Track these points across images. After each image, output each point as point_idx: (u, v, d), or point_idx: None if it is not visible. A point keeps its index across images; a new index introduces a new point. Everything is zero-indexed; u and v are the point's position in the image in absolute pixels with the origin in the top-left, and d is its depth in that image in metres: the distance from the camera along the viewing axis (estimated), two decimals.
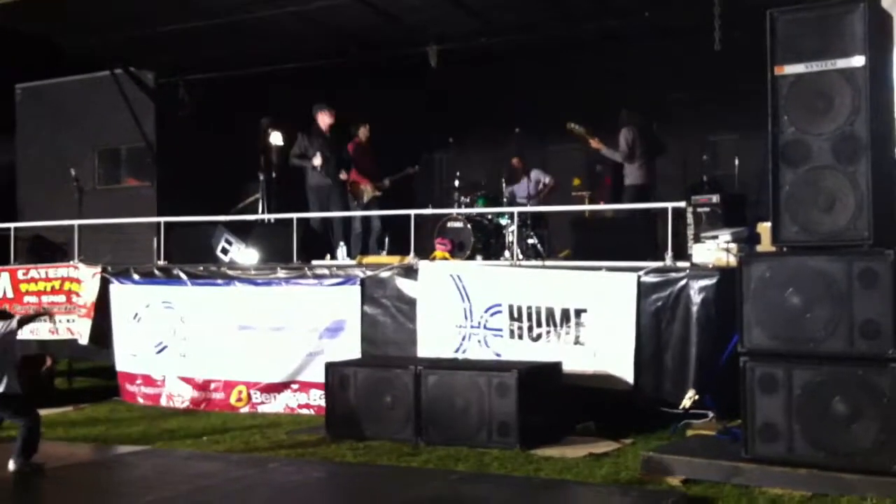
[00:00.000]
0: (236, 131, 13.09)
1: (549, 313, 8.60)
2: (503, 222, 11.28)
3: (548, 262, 9.63)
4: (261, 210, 12.28)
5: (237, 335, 10.13)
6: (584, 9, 11.50)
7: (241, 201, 12.68)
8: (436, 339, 9.19)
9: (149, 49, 13.20)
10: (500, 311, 8.90)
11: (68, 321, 11.15)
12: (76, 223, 11.72)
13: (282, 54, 12.75)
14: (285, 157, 12.46)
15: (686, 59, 11.98)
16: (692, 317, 8.10)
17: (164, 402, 10.47)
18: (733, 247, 8.43)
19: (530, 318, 8.71)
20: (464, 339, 9.07)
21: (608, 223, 11.10)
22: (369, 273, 9.69)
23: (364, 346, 9.54)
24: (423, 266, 9.50)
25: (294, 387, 9.83)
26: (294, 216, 10.77)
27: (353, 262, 10.48)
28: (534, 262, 9.84)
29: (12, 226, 12.38)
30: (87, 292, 11.03)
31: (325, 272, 10.03)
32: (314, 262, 10.48)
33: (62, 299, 11.25)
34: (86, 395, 11.00)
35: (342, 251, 11.35)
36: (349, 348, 9.51)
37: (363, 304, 9.60)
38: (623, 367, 8.24)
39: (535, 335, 8.70)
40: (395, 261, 9.91)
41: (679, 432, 7.73)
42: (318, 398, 9.46)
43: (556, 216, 11.78)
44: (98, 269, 11.07)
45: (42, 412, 9.80)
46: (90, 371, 11.97)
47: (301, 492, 6.86)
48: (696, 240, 8.95)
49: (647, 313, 8.24)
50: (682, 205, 9.04)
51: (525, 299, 8.76)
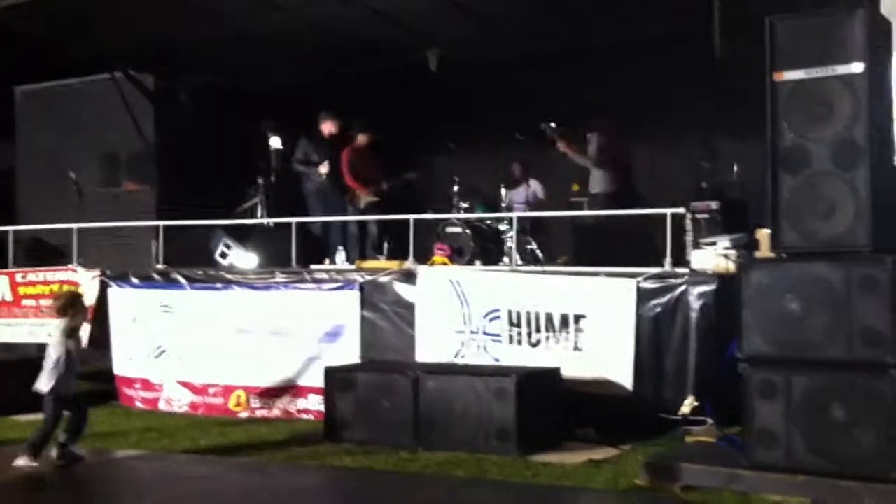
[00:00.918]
0: (236, 135, 13.10)
1: (548, 319, 8.60)
2: (502, 228, 11.28)
3: (547, 268, 9.62)
4: (260, 214, 12.28)
5: (236, 339, 10.12)
6: (587, 15, 11.49)
7: (241, 205, 12.68)
8: (435, 344, 9.18)
9: (149, 52, 13.20)
10: (498, 317, 8.90)
11: None
12: (75, 227, 11.70)
13: (282, 58, 12.75)
14: (284, 161, 12.47)
15: (686, 66, 11.98)
16: (691, 323, 8.10)
17: (162, 406, 10.46)
18: (732, 253, 8.43)
19: (529, 324, 8.71)
20: (463, 344, 9.07)
21: (607, 229, 11.09)
22: (368, 278, 9.68)
23: (363, 350, 9.52)
24: (422, 271, 9.50)
25: (293, 391, 9.81)
26: (293, 220, 10.76)
27: (352, 267, 10.48)
28: (533, 268, 9.84)
29: (11, 229, 12.37)
30: (86, 296, 11.00)
31: (324, 277, 10.03)
32: (313, 267, 10.47)
33: None
34: (84, 398, 10.95)
35: (341, 256, 11.34)
36: (348, 353, 9.49)
37: (362, 308, 9.59)
38: (622, 374, 8.23)
39: (533, 341, 8.69)
40: (394, 266, 9.91)
41: (678, 439, 7.72)
42: (316, 403, 9.44)
43: (554, 222, 11.76)
44: (97, 273, 11.06)
45: (40, 416, 9.84)
46: (88, 375, 11.92)
47: (299, 497, 6.87)
48: (696, 246, 8.95)
49: (646, 319, 8.24)
50: (682, 211, 9.03)
51: (524, 305, 8.76)
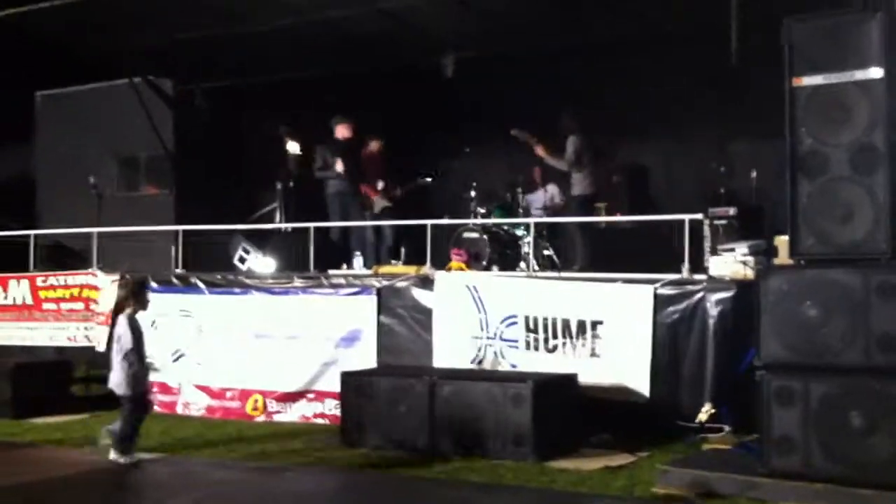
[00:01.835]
0: (254, 140, 13.16)
1: (565, 325, 8.59)
2: (519, 233, 11.27)
3: (564, 274, 9.61)
4: (278, 219, 12.31)
5: (253, 344, 10.16)
6: (601, 16, 11.49)
7: (259, 210, 12.73)
8: (452, 349, 9.19)
9: (167, 57, 13.29)
10: (515, 323, 8.89)
11: (86, 328, 11.22)
12: (95, 231, 11.78)
13: (299, 63, 12.81)
14: (302, 166, 12.50)
15: (703, 68, 11.95)
16: (709, 329, 8.08)
17: (180, 409, 10.50)
18: (750, 259, 8.40)
19: (546, 330, 8.70)
20: (480, 349, 9.07)
21: (624, 234, 11.09)
22: (385, 283, 9.70)
23: (380, 355, 9.54)
24: (439, 276, 9.51)
25: (310, 396, 9.84)
26: (311, 225, 10.79)
27: (370, 272, 10.49)
28: (550, 274, 9.82)
29: (32, 233, 12.46)
30: (105, 300, 11.08)
31: (342, 282, 10.05)
32: (330, 272, 10.50)
33: (80, 307, 11.31)
34: (102, 402, 10.99)
35: (359, 261, 11.37)
36: (365, 358, 9.51)
37: (379, 313, 9.61)
38: (639, 380, 8.21)
39: (550, 346, 8.68)
40: (411, 271, 9.92)
41: (695, 445, 7.69)
42: (333, 407, 9.47)
43: (572, 227, 11.72)
44: (116, 277, 11.11)
45: (59, 419, 9.94)
46: (107, 378, 11.99)
47: (316, 500, 6.89)
48: (713, 252, 8.92)
49: (664, 326, 8.21)
50: (699, 217, 9.01)
51: (541, 311, 8.75)
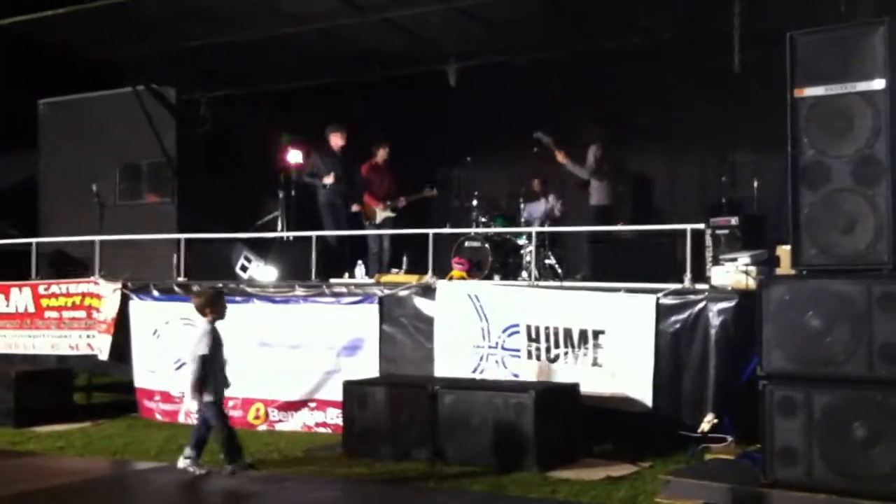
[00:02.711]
0: (256, 148, 13.17)
1: (567, 334, 8.59)
2: (521, 242, 11.27)
3: (566, 283, 9.61)
4: (280, 227, 12.32)
5: (255, 353, 10.15)
6: (603, 26, 11.51)
7: (261, 218, 12.74)
8: (453, 358, 9.18)
9: (171, 65, 13.32)
10: (517, 332, 8.89)
11: (88, 336, 11.22)
12: (97, 239, 11.79)
13: (302, 72, 12.83)
14: (304, 174, 12.55)
15: (705, 78, 11.98)
16: (711, 339, 8.07)
17: (181, 418, 10.48)
18: (752, 269, 8.39)
19: (548, 339, 8.70)
20: (481, 359, 9.06)
21: (627, 244, 11.07)
22: (387, 292, 9.70)
23: (382, 364, 9.54)
24: (441, 285, 9.51)
25: (311, 405, 9.84)
26: (313, 234, 10.79)
27: (372, 281, 10.50)
28: (552, 283, 9.83)
29: (34, 241, 12.46)
30: (108, 308, 11.09)
31: (344, 290, 10.05)
32: (332, 281, 10.50)
33: (83, 315, 11.31)
34: (104, 410, 11.04)
35: (360, 270, 11.37)
36: (367, 367, 9.51)
37: (381, 322, 9.61)
38: (641, 390, 8.20)
39: (552, 356, 8.68)
40: (413, 280, 9.93)
41: (697, 456, 7.68)
42: (335, 417, 9.46)
43: (573, 236, 11.76)
44: (118, 285, 11.13)
45: (60, 427, 9.95)
46: (109, 386, 12.02)
47: None
48: (715, 262, 8.92)
49: (666, 335, 8.21)
50: (702, 227, 9.01)
51: (543, 320, 8.75)
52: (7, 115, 15.30)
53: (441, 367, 9.22)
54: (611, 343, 8.38)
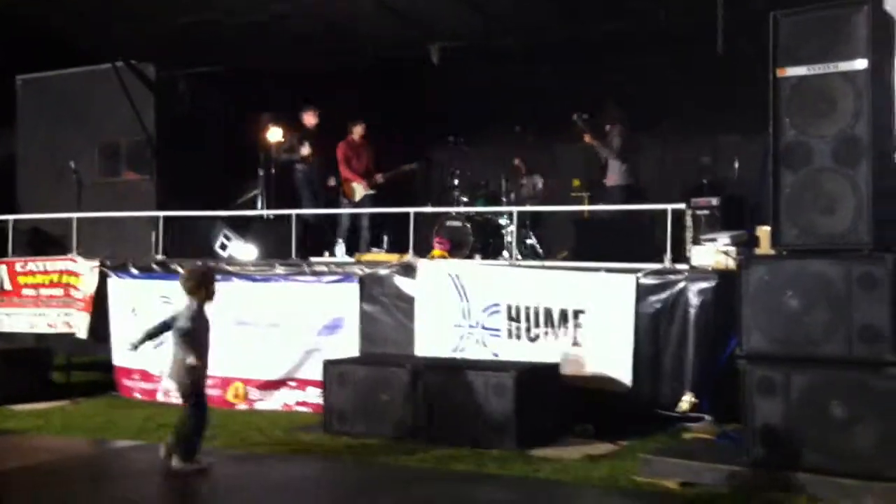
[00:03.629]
0: (236, 127, 13.09)
1: (548, 314, 8.60)
2: (502, 222, 11.27)
3: (546, 263, 9.61)
4: (260, 206, 12.27)
5: (235, 331, 10.09)
6: (589, 10, 11.47)
7: (241, 197, 12.67)
8: (434, 338, 9.18)
9: (150, 42, 13.17)
10: (498, 311, 8.89)
11: (66, 314, 11.14)
12: (75, 216, 11.69)
13: (283, 50, 12.73)
14: (284, 152, 12.52)
15: (688, 61, 11.97)
16: (690, 319, 8.10)
17: (160, 397, 10.44)
18: (732, 250, 8.42)
19: (528, 319, 8.70)
20: (462, 338, 9.06)
21: (607, 224, 11.09)
22: (368, 271, 9.68)
23: (362, 344, 9.52)
24: (422, 265, 9.49)
25: (292, 384, 9.81)
26: (293, 212, 10.75)
27: (352, 260, 10.46)
28: (532, 263, 9.83)
29: (11, 218, 12.35)
30: (86, 286, 11.01)
31: (324, 269, 10.01)
32: (313, 259, 10.46)
33: (60, 293, 11.21)
34: (83, 389, 10.97)
35: (341, 248, 11.35)
36: (347, 346, 9.49)
37: (362, 301, 9.58)
38: (621, 369, 8.23)
39: (532, 335, 8.69)
40: (393, 259, 9.91)
41: (676, 435, 7.72)
42: (315, 396, 9.45)
43: (555, 217, 11.75)
44: (96, 263, 11.05)
45: (39, 406, 9.88)
46: (87, 365, 11.94)
47: (297, 489, 6.86)
48: (696, 242, 8.94)
49: (646, 315, 8.23)
50: (682, 207, 9.03)
51: (523, 300, 8.76)
52: None
53: (421, 347, 9.22)
54: (591, 323, 8.39)
